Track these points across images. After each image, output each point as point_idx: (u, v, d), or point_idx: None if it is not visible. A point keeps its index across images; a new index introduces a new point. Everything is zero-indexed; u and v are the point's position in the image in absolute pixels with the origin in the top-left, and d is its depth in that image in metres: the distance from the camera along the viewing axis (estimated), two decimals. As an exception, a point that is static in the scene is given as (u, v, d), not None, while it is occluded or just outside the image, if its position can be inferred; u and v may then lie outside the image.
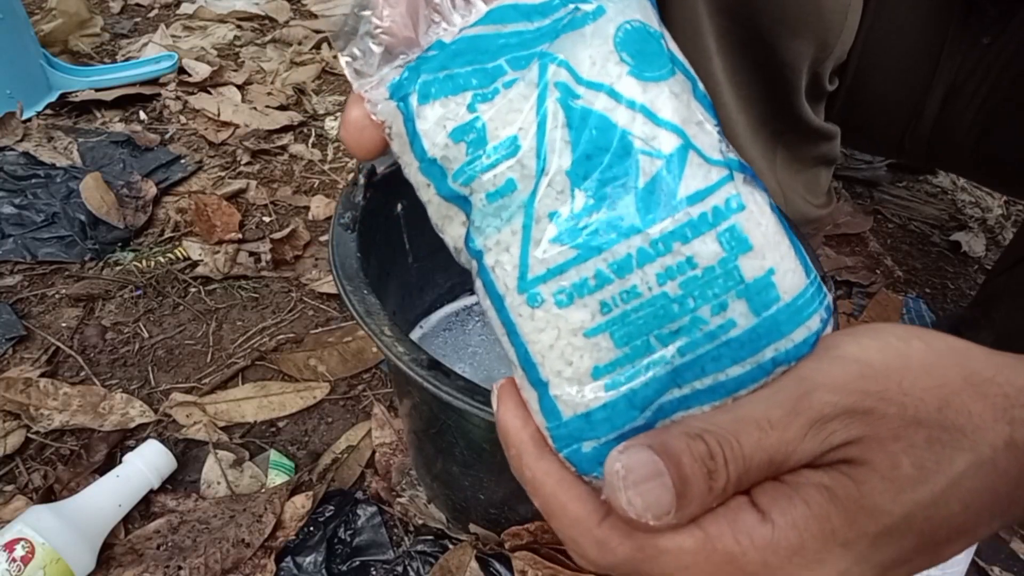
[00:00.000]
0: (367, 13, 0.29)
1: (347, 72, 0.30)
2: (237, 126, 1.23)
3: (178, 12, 1.62)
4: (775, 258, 0.28)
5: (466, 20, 0.29)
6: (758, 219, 0.28)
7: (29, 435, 0.73)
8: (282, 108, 1.30)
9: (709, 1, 0.68)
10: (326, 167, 1.18)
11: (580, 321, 0.27)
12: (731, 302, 0.27)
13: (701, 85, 0.30)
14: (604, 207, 0.27)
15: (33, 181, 1.03)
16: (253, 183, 1.11)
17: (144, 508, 0.67)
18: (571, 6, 0.29)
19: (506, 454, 0.29)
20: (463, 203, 0.29)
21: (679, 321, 0.27)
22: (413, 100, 0.28)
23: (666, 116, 0.28)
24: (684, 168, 0.27)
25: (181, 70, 1.35)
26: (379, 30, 0.29)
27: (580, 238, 0.27)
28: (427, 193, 0.30)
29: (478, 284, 0.29)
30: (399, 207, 0.67)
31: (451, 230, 0.30)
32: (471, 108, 0.28)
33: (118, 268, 0.94)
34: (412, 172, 0.30)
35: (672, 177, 0.27)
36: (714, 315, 0.27)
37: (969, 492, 0.25)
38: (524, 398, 0.29)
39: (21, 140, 1.11)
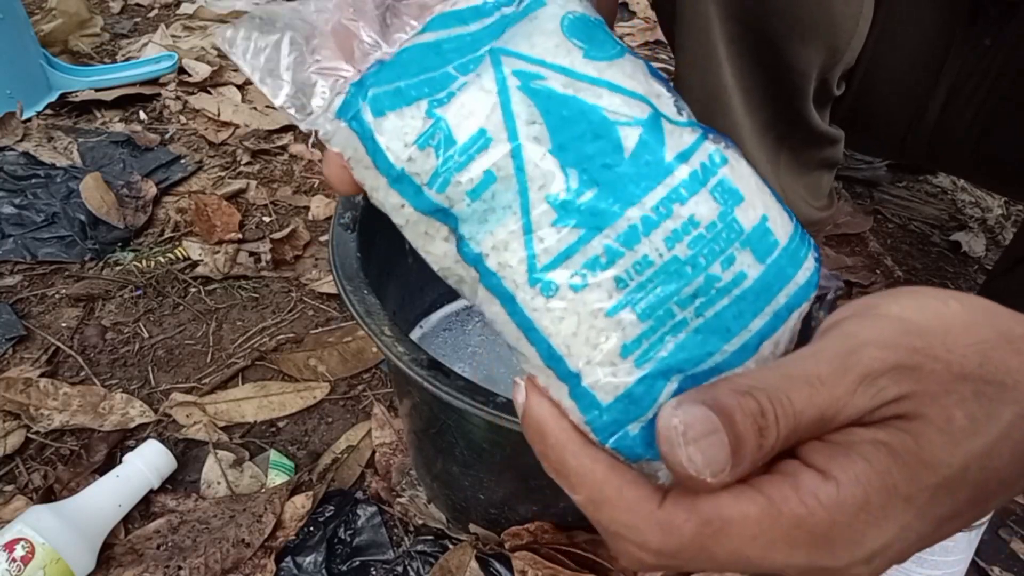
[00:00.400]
0: (296, 57, 0.29)
1: (290, 118, 0.29)
2: (237, 126, 1.23)
3: (178, 12, 1.62)
4: (765, 205, 0.28)
5: (401, 39, 0.29)
6: (740, 170, 0.28)
7: (29, 435, 0.73)
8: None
9: (720, 7, 0.68)
10: (326, 167, 1.18)
11: (598, 301, 0.26)
12: (738, 255, 0.27)
13: (640, 59, 0.30)
14: (597, 182, 0.27)
15: (33, 181, 1.03)
16: (253, 183, 1.11)
17: (144, 508, 0.67)
18: (512, 5, 0.29)
19: (539, 450, 0.27)
20: (443, 215, 0.28)
21: (695, 282, 0.27)
22: (367, 115, 0.27)
23: (631, 88, 0.28)
24: (662, 133, 0.27)
25: (181, 70, 1.35)
26: (314, 70, 0.29)
27: (582, 217, 0.26)
28: (402, 215, 0.28)
29: (482, 292, 0.28)
30: (399, 207, 0.67)
31: (434, 248, 0.29)
32: (429, 114, 0.27)
33: (118, 268, 0.94)
34: (382, 194, 0.28)
35: (655, 142, 0.27)
36: (725, 270, 0.27)
37: (1017, 443, 0.25)
38: (554, 399, 0.27)
39: (21, 140, 1.11)
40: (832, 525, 0.24)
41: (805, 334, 0.51)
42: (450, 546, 0.65)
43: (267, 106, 1.29)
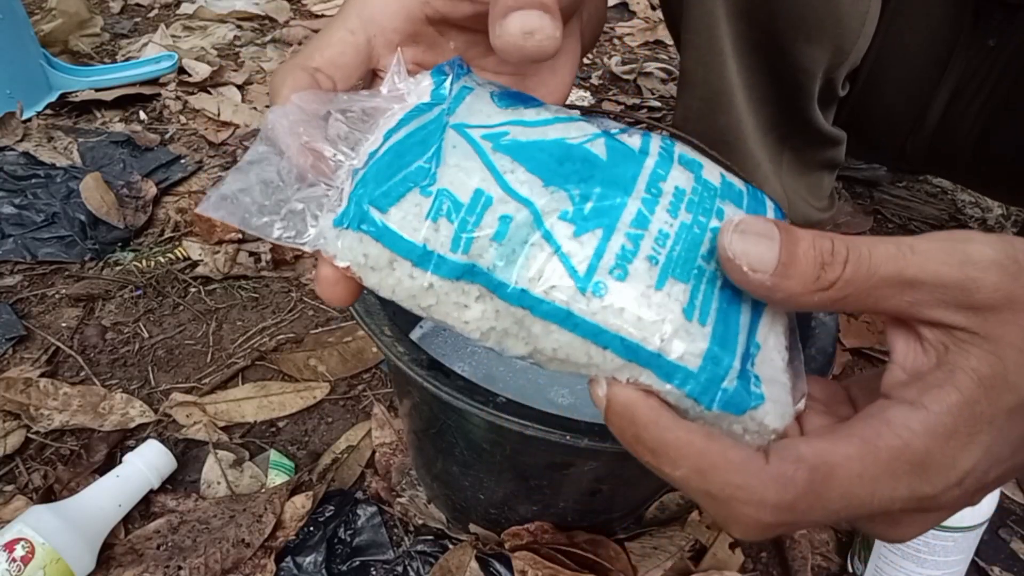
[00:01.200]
0: (277, 193, 0.32)
1: (288, 244, 0.32)
2: (237, 126, 1.23)
3: (178, 12, 1.62)
4: (713, 165, 0.34)
5: (371, 143, 0.32)
6: (686, 146, 0.34)
7: (29, 435, 0.73)
8: (282, 108, 1.30)
9: (727, 4, 0.68)
10: (326, 167, 1.18)
11: (644, 282, 0.29)
12: (724, 207, 0.32)
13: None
14: (592, 190, 0.30)
15: (33, 181, 1.03)
16: (253, 183, 1.11)
17: (144, 508, 0.67)
18: (447, 99, 0.33)
19: (633, 434, 0.28)
20: (471, 275, 0.30)
21: (707, 238, 0.30)
22: (375, 214, 0.30)
23: (572, 116, 0.33)
24: (618, 135, 0.33)
25: (181, 70, 1.35)
26: (297, 196, 0.31)
27: (595, 220, 0.29)
28: (432, 294, 0.30)
29: (537, 327, 0.29)
30: (399, 207, 0.67)
31: (470, 314, 0.30)
32: (425, 193, 0.30)
33: (118, 268, 0.94)
34: (405, 284, 0.30)
35: (619, 143, 0.32)
36: (721, 221, 0.31)
37: None
38: (649, 385, 0.28)
39: (21, 140, 1.11)
40: (927, 452, 0.25)
41: (804, 334, 0.51)
42: (450, 546, 0.65)
43: (267, 106, 1.29)
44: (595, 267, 0.29)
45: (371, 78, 0.37)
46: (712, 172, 0.33)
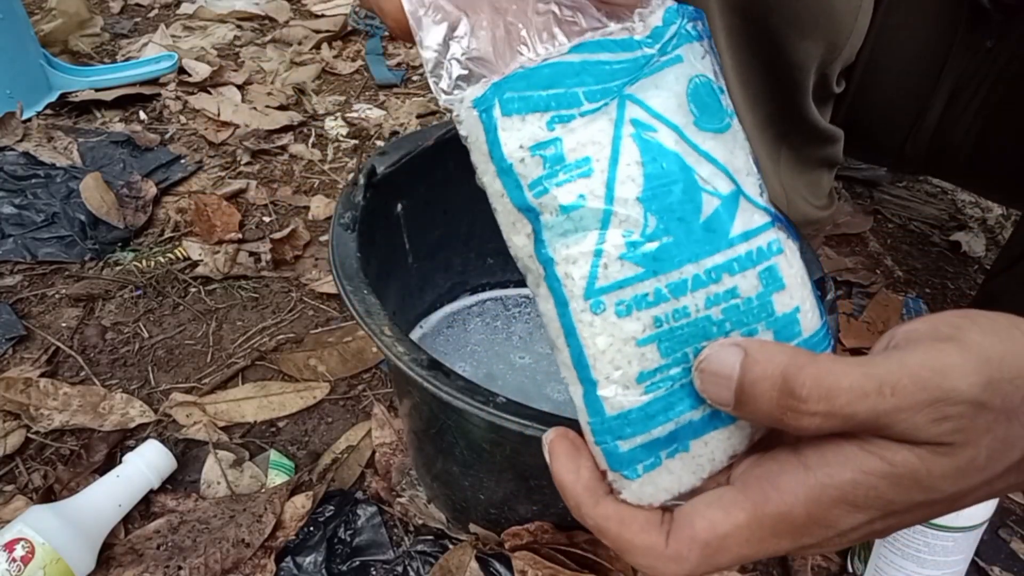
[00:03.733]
0: (459, 38, 0.32)
1: (434, 90, 0.32)
2: (237, 126, 1.23)
3: (178, 12, 1.62)
4: (801, 298, 0.32)
5: (549, 52, 0.32)
6: (791, 262, 0.32)
7: (29, 435, 0.73)
8: (282, 108, 1.30)
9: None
10: (326, 167, 1.18)
11: (634, 331, 0.30)
12: (760, 331, 0.31)
13: (743, 133, 0.34)
14: (669, 234, 0.30)
15: (33, 181, 1.03)
16: (253, 183, 1.11)
17: (144, 508, 0.67)
18: (654, 47, 0.32)
19: (565, 502, 0.32)
20: (531, 215, 0.31)
21: (715, 340, 0.31)
22: (496, 112, 0.31)
23: (723, 162, 0.32)
24: (736, 210, 0.31)
25: (181, 70, 1.35)
26: (465, 56, 0.32)
27: (646, 259, 0.30)
28: (500, 202, 0.32)
29: (543, 289, 0.32)
30: (399, 207, 0.67)
31: (517, 239, 0.32)
32: (550, 127, 0.31)
33: (118, 268, 0.94)
34: (488, 179, 0.32)
35: (727, 216, 0.31)
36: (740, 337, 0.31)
37: (1013, 476, 0.28)
38: (570, 393, 0.32)
39: (21, 140, 1.11)
40: (808, 516, 0.28)
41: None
42: (450, 546, 0.65)
43: (267, 106, 1.29)
44: (610, 290, 0.30)
45: None
46: (787, 299, 0.32)
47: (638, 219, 0.30)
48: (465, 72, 0.32)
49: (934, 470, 0.27)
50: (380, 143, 1.24)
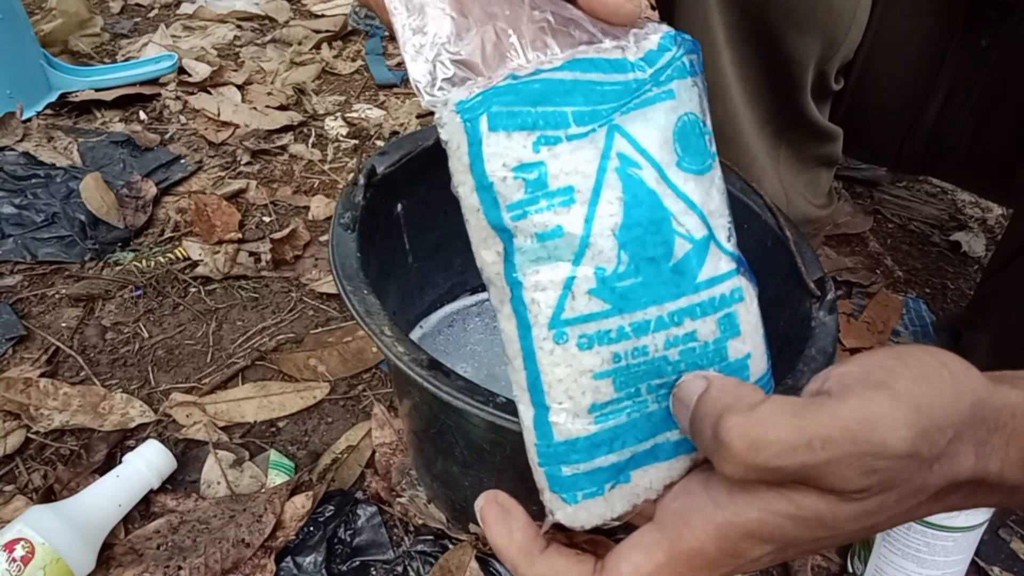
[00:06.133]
0: (444, 39, 0.31)
1: (416, 90, 0.32)
2: (237, 126, 1.23)
3: (178, 12, 1.62)
4: (753, 345, 0.33)
5: (540, 60, 0.31)
6: (749, 309, 0.33)
7: (29, 435, 0.73)
8: (282, 108, 1.30)
9: None
10: (326, 167, 1.18)
11: (592, 364, 0.31)
12: (708, 375, 0.31)
13: (719, 174, 0.34)
14: (639, 274, 0.31)
15: (33, 181, 1.03)
16: (253, 183, 1.11)
17: (144, 508, 0.67)
18: (647, 71, 0.32)
19: (502, 562, 0.34)
20: (505, 235, 0.31)
21: (667, 379, 0.32)
22: (483, 125, 0.30)
23: (699, 205, 0.32)
24: (706, 255, 0.32)
25: (181, 70, 1.35)
26: (451, 57, 0.31)
27: (614, 296, 0.31)
28: (474, 216, 0.32)
29: (507, 308, 0.32)
30: (399, 207, 0.67)
31: (486, 255, 0.32)
32: (535, 148, 0.30)
33: (118, 268, 0.94)
34: (465, 191, 0.32)
35: (697, 261, 0.32)
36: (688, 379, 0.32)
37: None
38: (519, 410, 0.33)
39: (21, 140, 1.11)
40: (719, 551, 0.30)
41: (804, 334, 0.51)
42: (450, 546, 0.65)
43: (267, 106, 1.29)
44: (574, 323, 0.30)
45: None
46: (740, 345, 0.33)
47: (611, 256, 0.30)
48: (450, 73, 0.31)
49: (839, 514, 0.28)
50: (380, 143, 1.24)
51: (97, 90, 1.25)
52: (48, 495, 0.67)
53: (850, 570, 0.67)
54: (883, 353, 0.29)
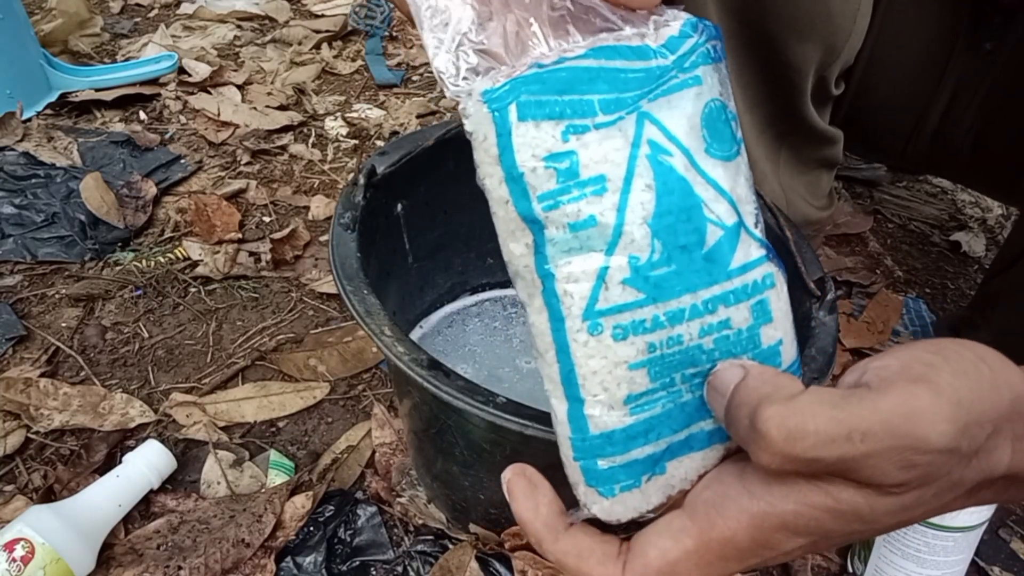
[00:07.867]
0: (466, 28, 0.31)
1: (440, 80, 0.31)
2: (237, 126, 1.23)
3: (178, 12, 1.62)
4: (784, 331, 0.33)
5: (563, 48, 0.31)
6: (780, 295, 0.33)
7: (29, 435, 0.73)
8: (282, 108, 1.30)
9: (718, 2, 0.68)
10: (326, 167, 1.18)
11: (627, 355, 0.30)
12: (744, 361, 0.32)
13: (745, 160, 0.34)
14: (673, 262, 0.30)
15: (33, 181, 1.03)
16: (253, 183, 1.11)
17: (144, 508, 0.67)
18: (668, 58, 0.31)
19: (527, 537, 0.33)
20: (535, 227, 0.31)
21: (701, 367, 0.31)
22: (512, 114, 0.30)
23: (728, 191, 0.32)
24: (737, 242, 0.32)
25: (181, 70, 1.35)
26: (475, 46, 0.31)
27: (648, 285, 0.30)
28: (503, 208, 0.31)
29: (537, 301, 0.31)
30: (399, 207, 0.67)
31: (514, 247, 0.32)
32: (564, 138, 0.30)
33: (118, 268, 0.94)
34: (492, 182, 0.31)
35: (729, 248, 0.31)
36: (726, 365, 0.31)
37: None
38: (551, 405, 0.32)
39: (21, 140, 1.11)
40: (752, 541, 0.29)
41: (804, 334, 0.51)
42: (450, 546, 0.65)
43: (267, 106, 1.29)
44: (609, 313, 0.30)
45: None
46: (772, 332, 0.32)
47: (645, 244, 0.30)
48: (474, 63, 0.31)
49: (877, 507, 0.28)
50: (380, 143, 1.24)
51: (97, 90, 1.25)
52: (48, 495, 0.67)
53: (850, 570, 0.67)
54: (921, 347, 0.28)
